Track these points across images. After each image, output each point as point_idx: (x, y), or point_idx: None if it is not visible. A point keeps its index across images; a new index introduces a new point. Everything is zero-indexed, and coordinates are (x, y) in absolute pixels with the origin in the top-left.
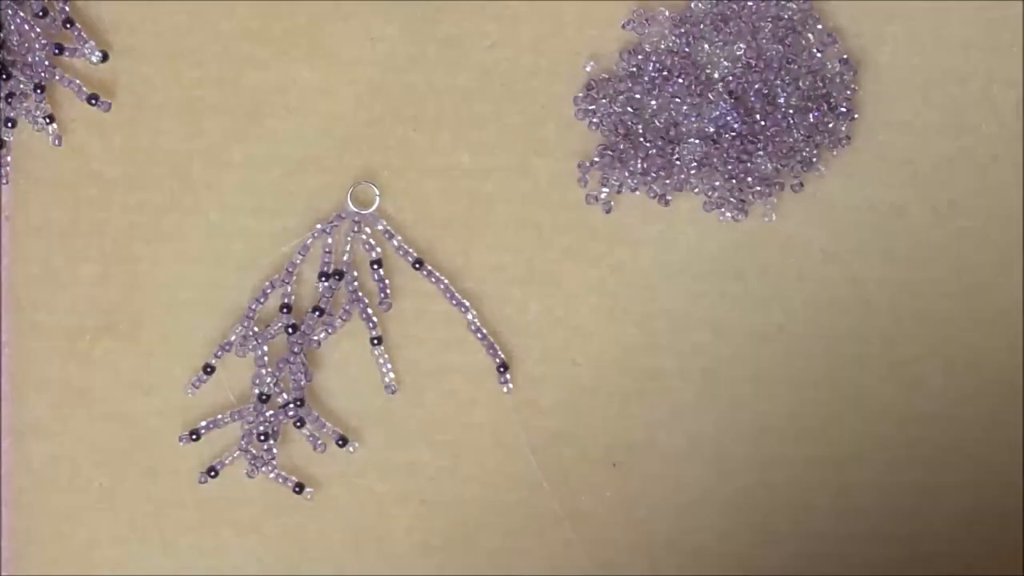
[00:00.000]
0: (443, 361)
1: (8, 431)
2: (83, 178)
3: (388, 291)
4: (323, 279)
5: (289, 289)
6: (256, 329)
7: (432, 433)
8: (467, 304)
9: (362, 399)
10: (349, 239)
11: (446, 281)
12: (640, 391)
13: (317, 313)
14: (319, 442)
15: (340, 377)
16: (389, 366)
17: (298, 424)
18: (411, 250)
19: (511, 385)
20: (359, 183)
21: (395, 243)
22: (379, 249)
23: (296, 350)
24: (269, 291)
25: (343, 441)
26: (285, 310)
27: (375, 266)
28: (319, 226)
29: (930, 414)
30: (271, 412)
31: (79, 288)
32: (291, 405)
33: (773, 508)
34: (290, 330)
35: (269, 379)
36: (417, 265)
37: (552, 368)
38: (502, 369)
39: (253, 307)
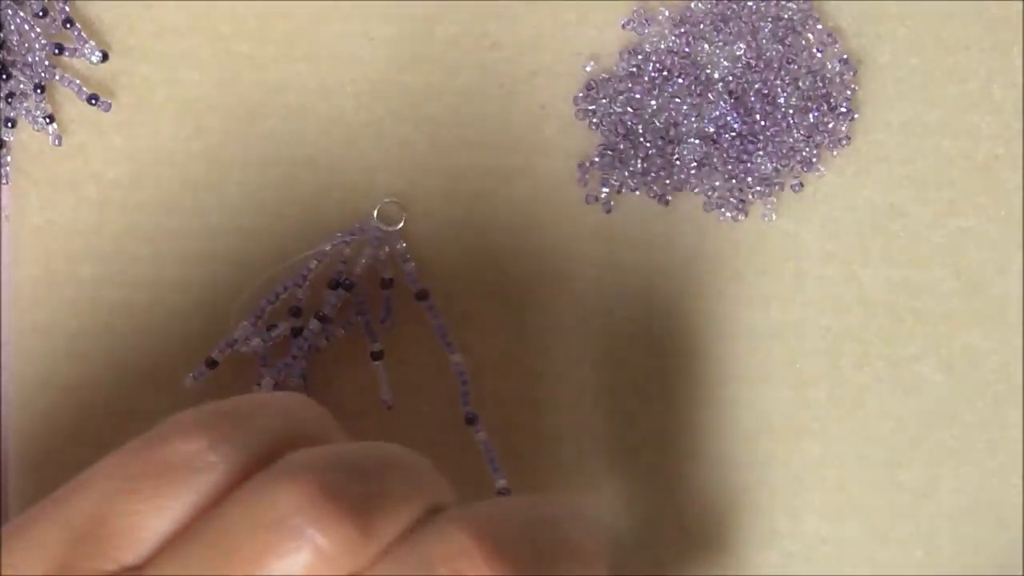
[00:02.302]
0: (443, 360)
1: (8, 431)
2: (83, 178)
3: (390, 310)
4: (334, 288)
5: (300, 295)
6: (263, 329)
7: (432, 433)
8: (455, 350)
9: (362, 399)
10: (367, 254)
11: (442, 324)
12: (640, 391)
13: (320, 319)
14: None
15: (340, 377)
16: (387, 383)
17: None
18: (418, 280)
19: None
20: (387, 200)
21: (408, 268)
22: (392, 269)
23: (297, 353)
24: (282, 293)
25: None
26: (294, 313)
27: (386, 284)
28: (339, 235)
29: (929, 414)
30: None
31: (79, 288)
32: None
33: (772, 508)
34: (294, 334)
35: (270, 380)
36: (420, 297)
37: (551, 369)
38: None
39: (264, 307)
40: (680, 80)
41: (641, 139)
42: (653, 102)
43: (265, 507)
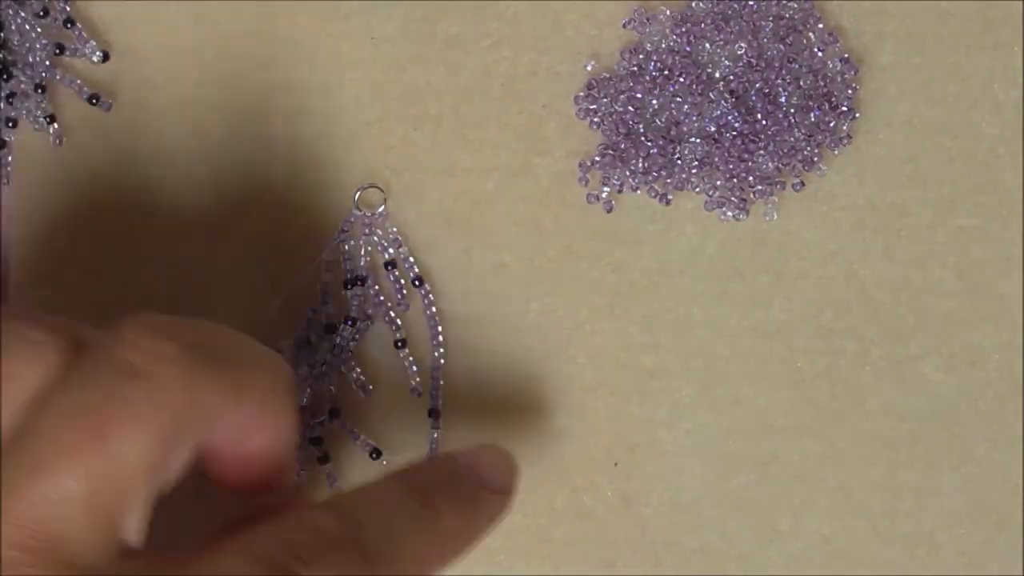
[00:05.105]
0: (444, 360)
1: None
2: (83, 178)
3: (404, 292)
4: (347, 287)
5: (330, 310)
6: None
7: (432, 432)
8: (441, 342)
9: (362, 398)
10: (362, 243)
11: (434, 311)
12: (640, 391)
13: (350, 323)
14: (301, 470)
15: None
16: (416, 369)
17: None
18: (415, 263)
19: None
20: (364, 187)
21: (402, 252)
22: (391, 250)
23: (329, 360)
24: (311, 316)
25: (376, 454)
26: (328, 330)
27: (389, 267)
28: (334, 236)
29: (930, 414)
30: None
31: (79, 288)
32: (326, 417)
33: (773, 508)
34: (331, 346)
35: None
36: (416, 283)
37: (552, 368)
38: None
39: (304, 336)
40: (681, 79)
41: (642, 138)
42: (654, 101)
43: None
